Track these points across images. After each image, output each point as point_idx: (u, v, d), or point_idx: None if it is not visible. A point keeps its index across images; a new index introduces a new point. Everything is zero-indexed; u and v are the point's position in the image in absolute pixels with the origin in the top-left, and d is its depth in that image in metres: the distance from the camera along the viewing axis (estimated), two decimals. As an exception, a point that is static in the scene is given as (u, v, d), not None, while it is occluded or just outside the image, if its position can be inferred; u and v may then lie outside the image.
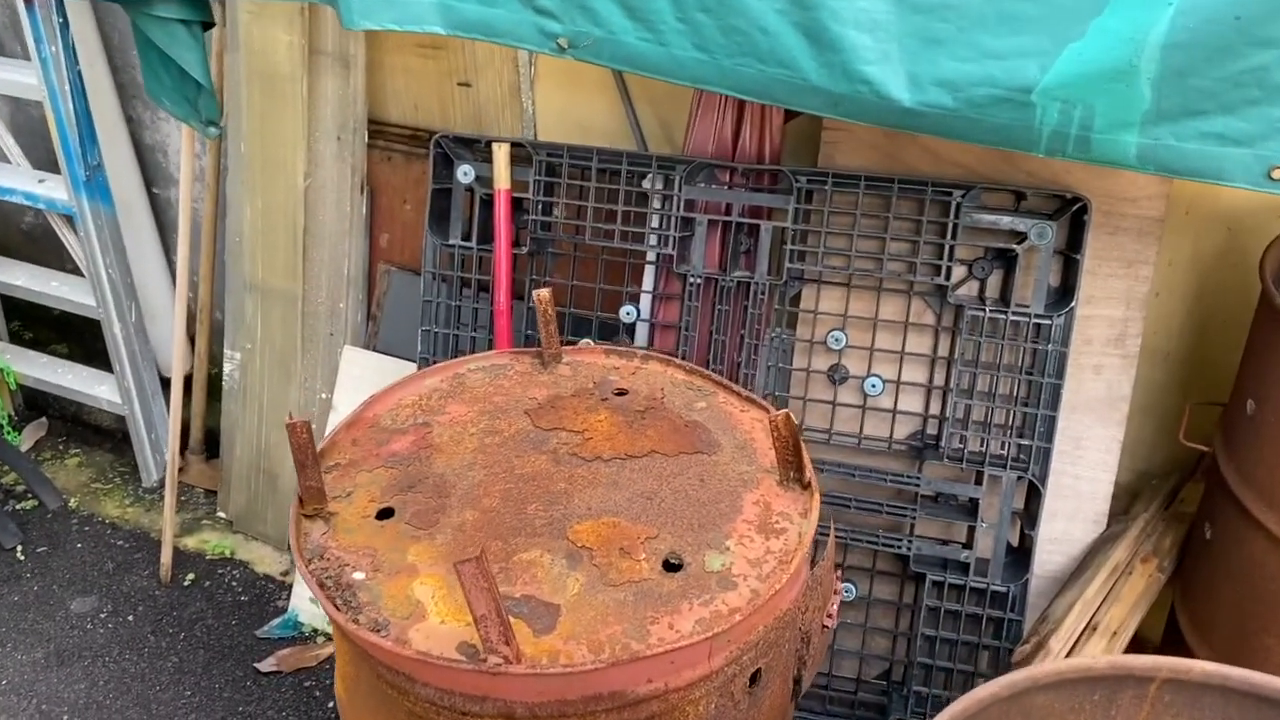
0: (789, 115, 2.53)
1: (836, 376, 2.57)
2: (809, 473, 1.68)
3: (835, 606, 1.79)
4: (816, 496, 1.64)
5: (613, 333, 2.70)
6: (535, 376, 1.98)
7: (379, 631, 1.45)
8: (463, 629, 1.45)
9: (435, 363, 2.70)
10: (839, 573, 1.86)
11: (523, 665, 1.37)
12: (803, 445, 1.66)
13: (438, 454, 1.78)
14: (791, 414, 1.62)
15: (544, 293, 1.93)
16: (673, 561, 1.56)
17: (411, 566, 1.56)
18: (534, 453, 1.77)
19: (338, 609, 1.48)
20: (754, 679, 1.56)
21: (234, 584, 3.27)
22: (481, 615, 1.35)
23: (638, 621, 1.46)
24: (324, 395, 3.24)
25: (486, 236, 2.65)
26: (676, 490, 1.69)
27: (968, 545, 2.53)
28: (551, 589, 1.51)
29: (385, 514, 1.66)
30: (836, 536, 2.53)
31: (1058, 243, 2.39)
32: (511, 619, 1.44)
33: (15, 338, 4.15)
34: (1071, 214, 2.37)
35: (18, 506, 3.56)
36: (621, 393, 1.93)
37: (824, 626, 1.76)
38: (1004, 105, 1.76)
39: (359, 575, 1.55)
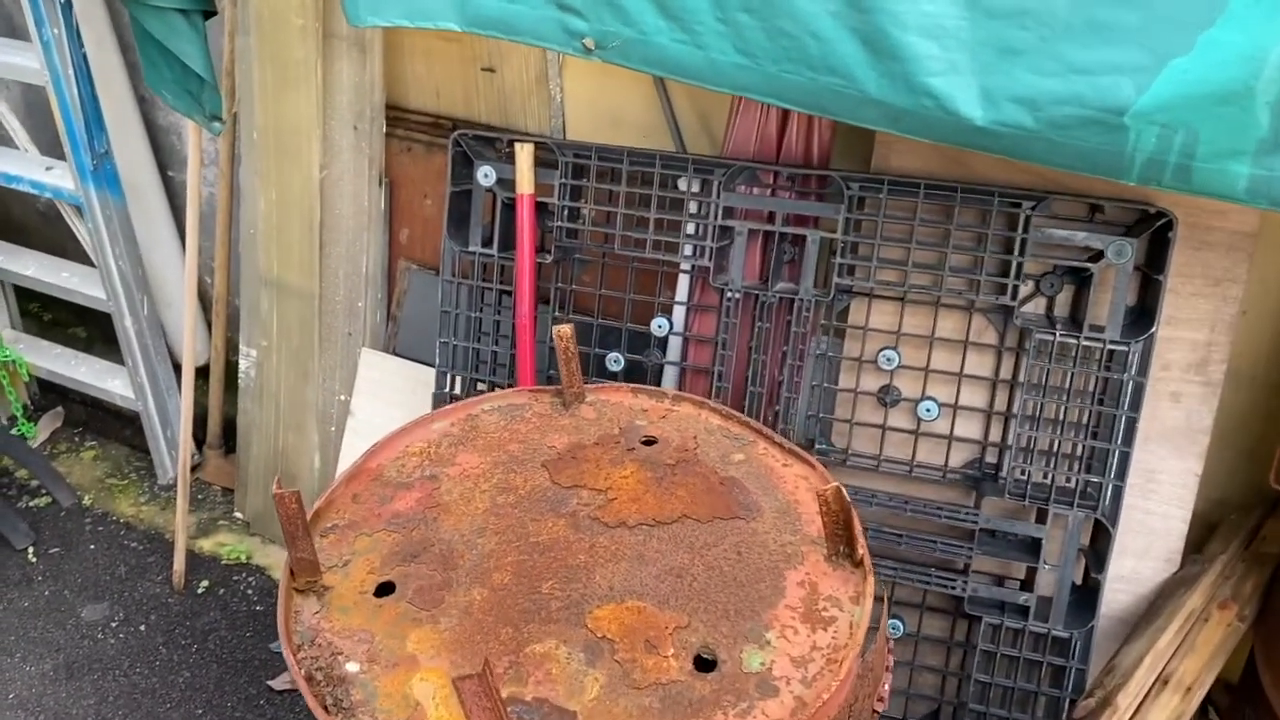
0: (840, 113, 2.30)
1: (888, 398, 2.37)
2: (862, 549, 1.49)
3: (887, 687, 1.60)
4: (870, 579, 1.45)
5: (643, 345, 2.51)
6: (555, 419, 1.79)
7: (372, 741, 1.29)
8: (466, 739, 1.28)
9: (455, 376, 2.54)
10: (891, 644, 1.67)
11: (531, 793, 1.21)
12: (855, 520, 1.46)
13: (445, 515, 1.60)
14: (843, 488, 1.43)
15: (565, 329, 1.74)
16: (705, 657, 1.38)
17: (411, 658, 1.39)
18: (551, 516, 1.59)
19: (327, 711, 1.32)
20: (794, 791, 1.38)
21: (249, 592, 3.15)
22: (485, 737, 1.18)
23: (664, 735, 1.28)
24: (342, 398, 3.08)
25: (509, 242, 2.45)
26: (710, 566, 1.50)
27: (1027, 586, 2.33)
28: (567, 691, 1.34)
29: (385, 589, 1.49)
30: (885, 574, 2.35)
31: (1137, 259, 2.16)
32: (521, 728, 1.27)
33: (34, 319, 4.03)
34: (1153, 229, 2.13)
35: (31, 503, 3.45)
36: (650, 441, 1.74)
37: (874, 712, 1.58)
38: (1092, 127, 1.53)
39: (353, 667, 1.38)
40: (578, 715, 1.31)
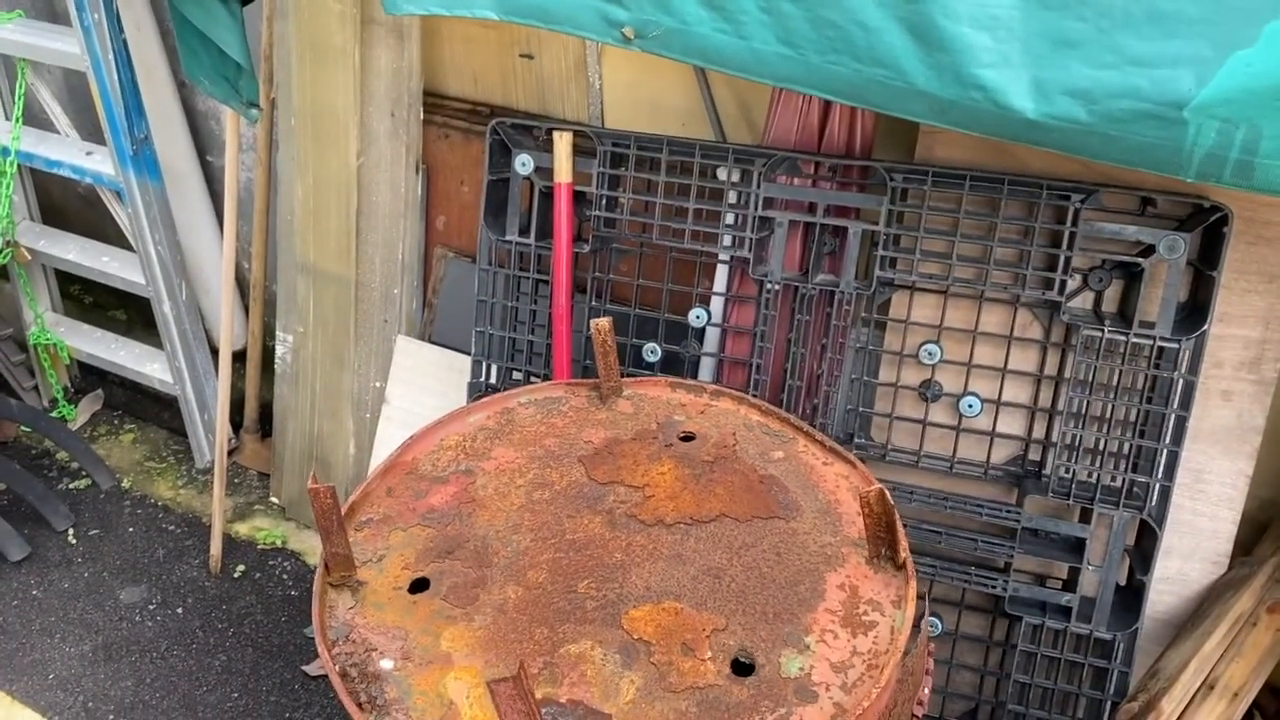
0: (884, 103, 2.26)
1: (929, 393, 2.32)
2: (904, 552, 1.45)
3: (926, 691, 1.58)
4: (913, 583, 1.42)
5: (680, 336, 2.48)
6: (592, 414, 1.77)
7: (405, 740, 1.28)
8: (500, 740, 1.26)
9: (489, 365, 2.53)
10: (932, 647, 1.64)
11: (566, 797, 1.19)
12: (898, 523, 1.43)
13: (480, 510, 1.58)
14: (886, 490, 1.39)
15: (603, 323, 1.71)
16: (743, 661, 1.36)
17: (446, 656, 1.38)
18: (588, 513, 1.57)
19: (361, 708, 1.31)
20: (832, 798, 1.36)
21: (284, 576, 3.16)
22: (519, 741, 1.16)
23: (700, 740, 1.26)
24: (378, 384, 3.08)
25: (546, 231, 2.43)
26: (749, 567, 1.48)
27: (1069, 587, 2.28)
28: (602, 693, 1.32)
29: (419, 586, 1.48)
30: (925, 571, 2.31)
31: (1190, 254, 2.10)
32: (556, 730, 1.25)
33: (75, 302, 4.07)
34: (1207, 224, 2.07)
35: (71, 485, 3.49)
36: (688, 437, 1.71)
37: (914, 716, 1.55)
38: (1149, 121, 1.48)
39: (387, 664, 1.37)
40: (613, 718, 1.29)
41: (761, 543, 1.51)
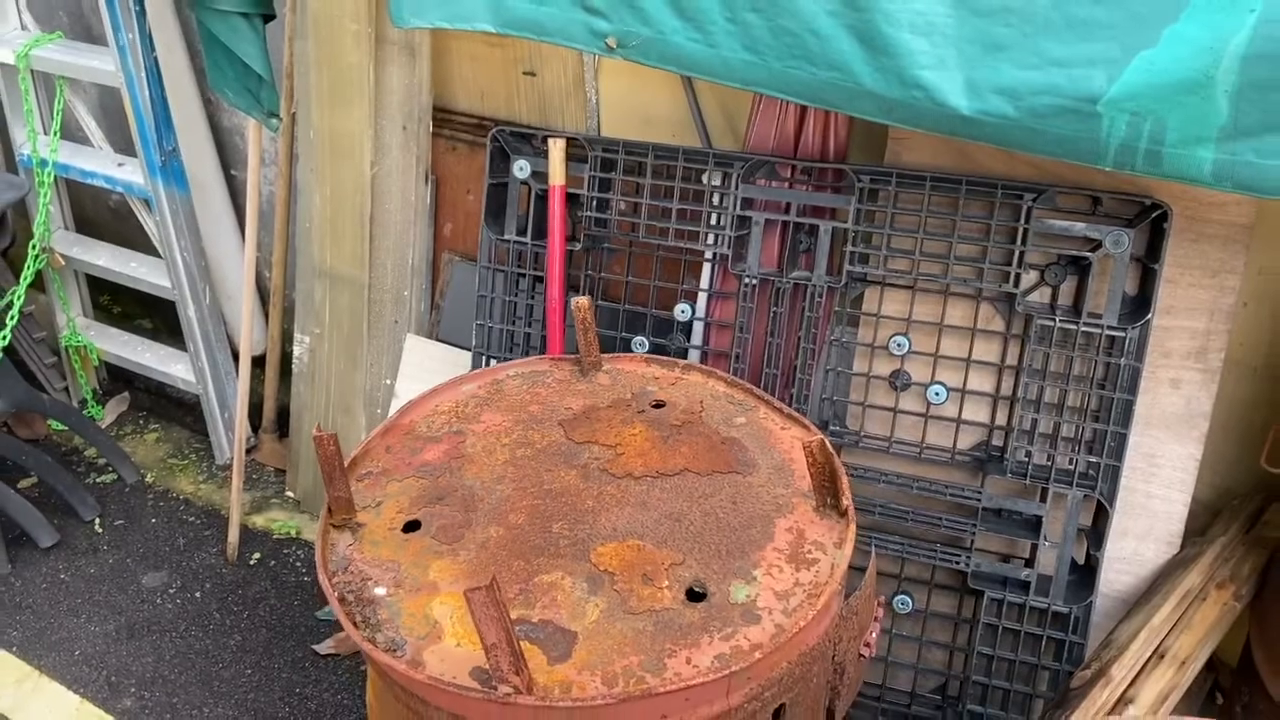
0: (854, 111, 2.44)
1: (898, 383, 2.48)
2: (846, 500, 1.62)
3: (874, 635, 1.73)
4: (852, 526, 1.58)
5: (667, 330, 2.66)
6: (573, 385, 1.94)
7: (394, 652, 1.44)
8: (478, 653, 1.43)
9: (489, 357, 2.71)
10: (881, 598, 1.80)
11: (532, 696, 1.35)
12: (840, 472, 1.59)
13: (469, 465, 1.76)
14: (827, 440, 1.56)
15: (583, 301, 1.89)
16: (696, 590, 1.52)
17: (433, 584, 1.54)
18: (564, 467, 1.74)
19: (356, 626, 1.48)
20: (777, 714, 1.51)
21: (298, 564, 3.33)
22: (492, 644, 1.33)
23: (655, 654, 1.42)
24: (388, 381, 3.26)
25: (541, 231, 2.62)
26: (706, 513, 1.64)
27: (1029, 563, 2.43)
28: (570, 614, 1.48)
29: (412, 527, 1.65)
30: (893, 549, 2.46)
31: (1136, 250, 2.26)
32: (528, 644, 1.41)
33: (105, 311, 4.28)
34: (1151, 220, 2.23)
35: (98, 479, 3.68)
36: (659, 405, 1.88)
37: (860, 656, 1.70)
38: (1068, 116, 1.65)
39: (381, 591, 1.54)
40: (578, 635, 1.46)
41: (720, 493, 1.68)
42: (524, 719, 1.38)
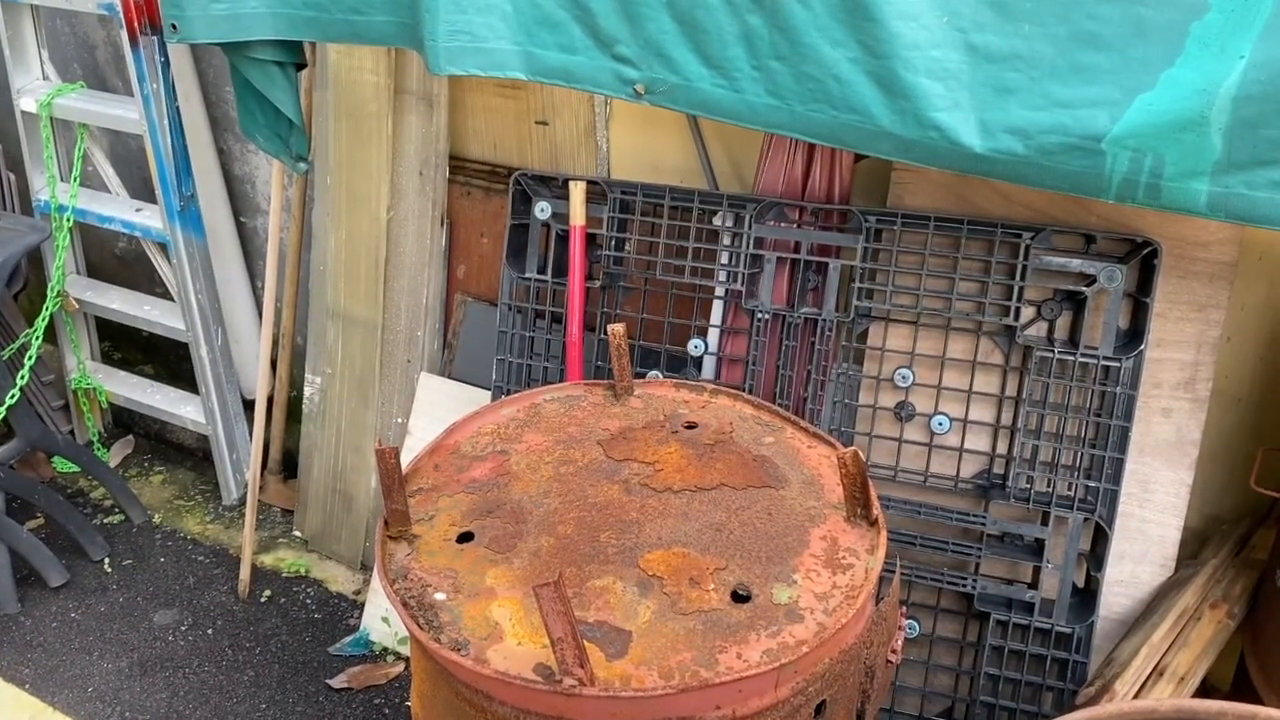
0: (859, 156, 2.58)
1: (903, 414, 2.60)
2: (876, 509, 1.72)
3: (899, 642, 1.82)
4: (883, 534, 1.68)
5: (680, 365, 2.76)
6: (608, 408, 2.04)
7: (459, 651, 1.52)
8: (538, 651, 1.51)
9: (510, 390, 2.80)
10: (903, 609, 1.89)
11: (596, 688, 1.43)
12: (870, 483, 1.69)
13: (515, 481, 1.85)
14: (860, 451, 1.67)
15: (618, 328, 2.00)
16: (741, 593, 1.61)
17: (490, 589, 1.62)
18: (607, 482, 1.83)
19: (420, 628, 1.55)
20: (819, 710, 1.60)
21: (308, 601, 3.37)
22: (558, 638, 1.41)
23: (707, 650, 1.51)
24: (400, 420, 3.34)
25: (561, 270, 2.73)
26: (745, 523, 1.74)
27: (1033, 586, 2.53)
28: (624, 615, 1.57)
29: (465, 538, 1.73)
30: (901, 573, 2.56)
31: (1128, 286, 2.41)
32: (585, 643, 1.49)
33: (106, 357, 4.33)
34: (1142, 257, 2.38)
35: (105, 520, 3.71)
36: (691, 426, 1.98)
37: (888, 662, 1.79)
38: (1074, 153, 1.79)
39: (440, 596, 1.62)
40: (633, 634, 1.54)
41: (755, 505, 1.77)
42: (587, 710, 1.46)
